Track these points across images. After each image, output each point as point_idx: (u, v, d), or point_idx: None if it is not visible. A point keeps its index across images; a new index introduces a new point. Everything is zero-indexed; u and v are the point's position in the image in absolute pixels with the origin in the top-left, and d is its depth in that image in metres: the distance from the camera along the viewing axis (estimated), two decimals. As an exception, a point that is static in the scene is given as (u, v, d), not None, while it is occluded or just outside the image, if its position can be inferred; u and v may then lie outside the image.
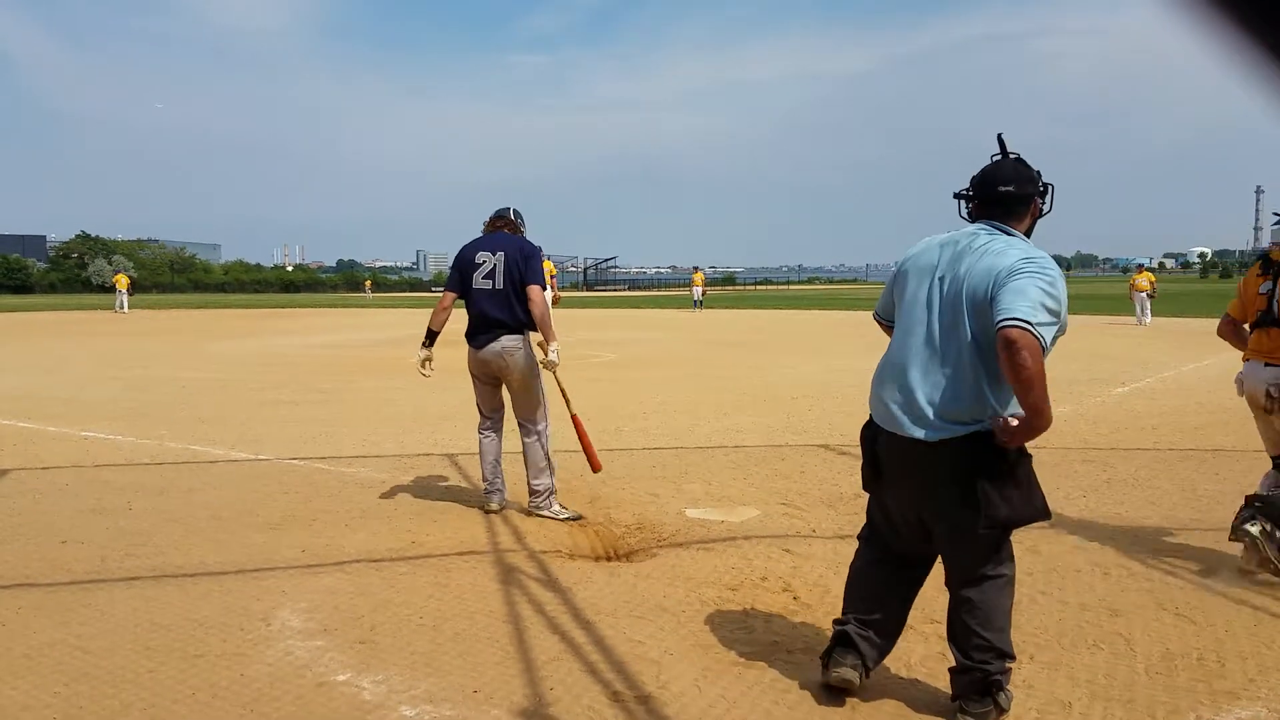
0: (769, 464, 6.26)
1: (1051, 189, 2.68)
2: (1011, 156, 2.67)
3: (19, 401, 9.50)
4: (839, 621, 2.82)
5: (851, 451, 5.79)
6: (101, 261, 73.35)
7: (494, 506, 4.89)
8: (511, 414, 4.96)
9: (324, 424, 8.03)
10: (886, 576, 2.81)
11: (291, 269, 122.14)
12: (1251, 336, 4.04)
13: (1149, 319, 22.42)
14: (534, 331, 4.82)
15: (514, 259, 4.76)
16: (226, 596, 3.63)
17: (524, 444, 4.87)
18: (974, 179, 2.68)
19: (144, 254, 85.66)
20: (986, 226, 2.60)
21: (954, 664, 2.63)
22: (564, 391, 5.02)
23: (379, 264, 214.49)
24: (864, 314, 27.97)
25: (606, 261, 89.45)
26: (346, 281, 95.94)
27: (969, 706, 2.56)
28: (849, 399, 9.06)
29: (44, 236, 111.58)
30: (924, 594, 3.36)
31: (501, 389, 4.94)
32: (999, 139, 2.69)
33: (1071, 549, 4.26)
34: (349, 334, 21.81)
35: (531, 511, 4.85)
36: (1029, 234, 2.65)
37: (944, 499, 2.54)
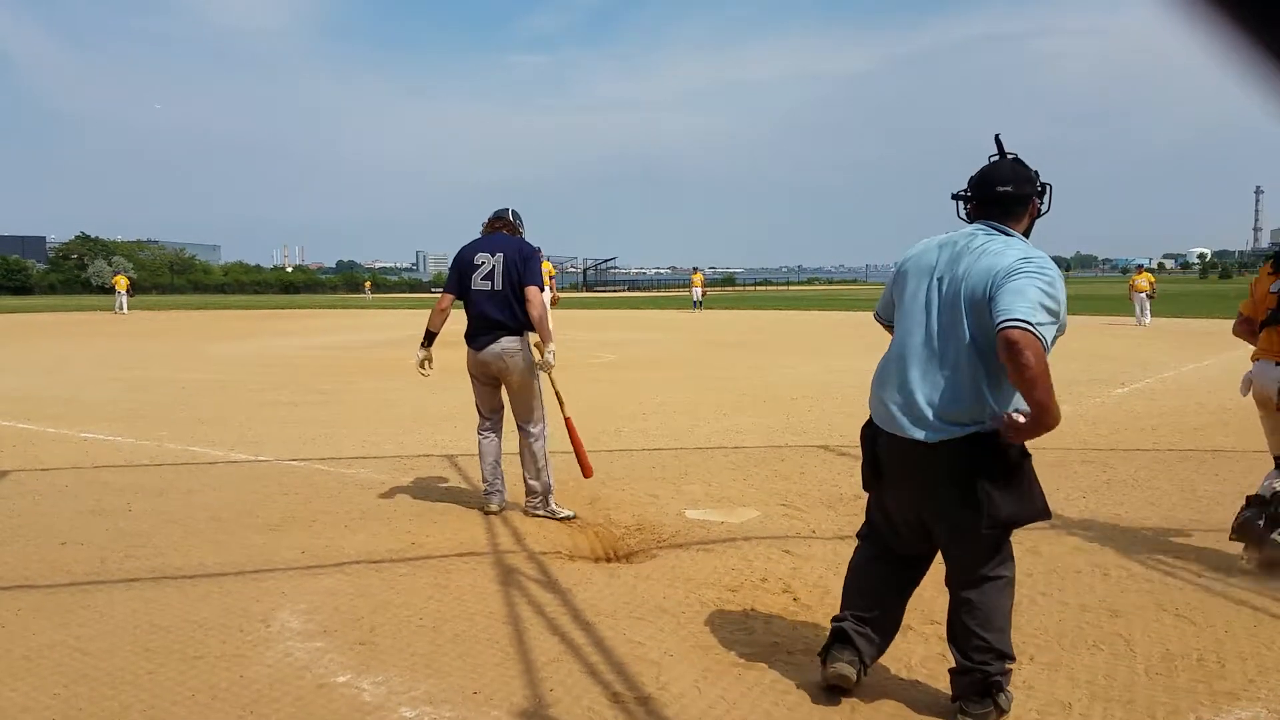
0: (769, 465, 6.26)
1: (1049, 189, 2.68)
2: (1009, 157, 2.67)
3: (18, 403, 9.50)
4: (837, 618, 2.83)
5: (851, 452, 5.79)
6: (101, 263, 73.35)
7: (494, 507, 4.89)
8: (510, 415, 4.98)
9: (324, 425, 8.03)
10: (885, 574, 2.82)
11: (291, 270, 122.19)
12: (1261, 335, 4.04)
13: (1148, 319, 22.43)
14: (532, 332, 4.83)
15: (513, 260, 4.77)
16: (226, 598, 3.63)
17: (521, 445, 4.89)
18: (972, 180, 2.69)
19: (143, 255, 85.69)
20: (984, 227, 2.60)
21: (954, 665, 2.64)
22: (558, 394, 5.04)
23: (378, 265, 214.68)
24: (863, 314, 27.97)
25: (606, 262, 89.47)
26: (346, 282, 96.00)
27: (969, 707, 2.56)
28: (849, 399, 9.06)
29: (43, 237, 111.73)
30: (924, 595, 3.37)
31: (500, 390, 4.95)
32: (996, 139, 2.69)
33: (1071, 550, 4.26)
34: (348, 335, 21.81)
35: (528, 511, 4.86)
36: (1027, 234, 2.65)
37: (944, 499, 2.54)
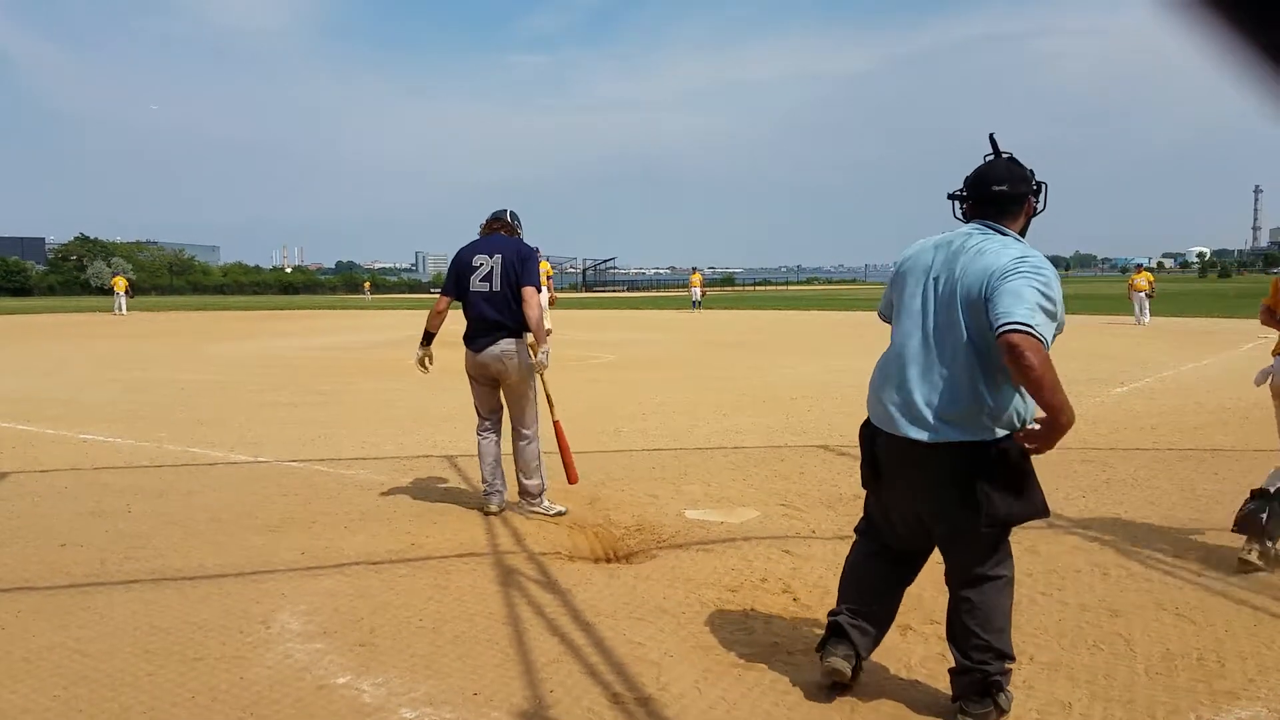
0: (768, 465, 6.26)
1: (1045, 187, 2.68)
2: (1004, 156, 2.67)
3: (18, 404, 9.49)
4: (833, 613, 2.85)
5: (851, 452, 5.79)
6: (100, 264, 73.32)
7: (493, 508, 4.90)
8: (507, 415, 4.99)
9: (323, 426, 8.02)
10: (883, 571, 2.83)
11: (290, 271, 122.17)
12: None
13: (1148, 319, 22.44)
14: (528, 333, 4.84)
15: (511, 261, 4.80)
16: (226, 599, 3.62)
17: (516, 446, 4.93)
18: (967, 179, 2.69)
19: (143, 256, 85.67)
20: (980, 226, 2.60)
21: (954, 665, 2.64)
22: (549, 396, 5.06)
23: (378, 265, 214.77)
24: (863, 314, 28.00)
25: (605, 262, 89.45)
26: (345, 283, 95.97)
27: (969, 707, 2.56)
28: (848, 399, 9.06)
29: (43, 239, 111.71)
30: (924, 595, 3.37)
31: (499, 390, 4.96)
32: (991, 139, 2.70)
33: (1071, 549, 4.26)
34: (348, 336, 21.80)
35: (523, 509, 4.90)
36: (1023, 233, 2.65)
37: (943, 499, 2.55)
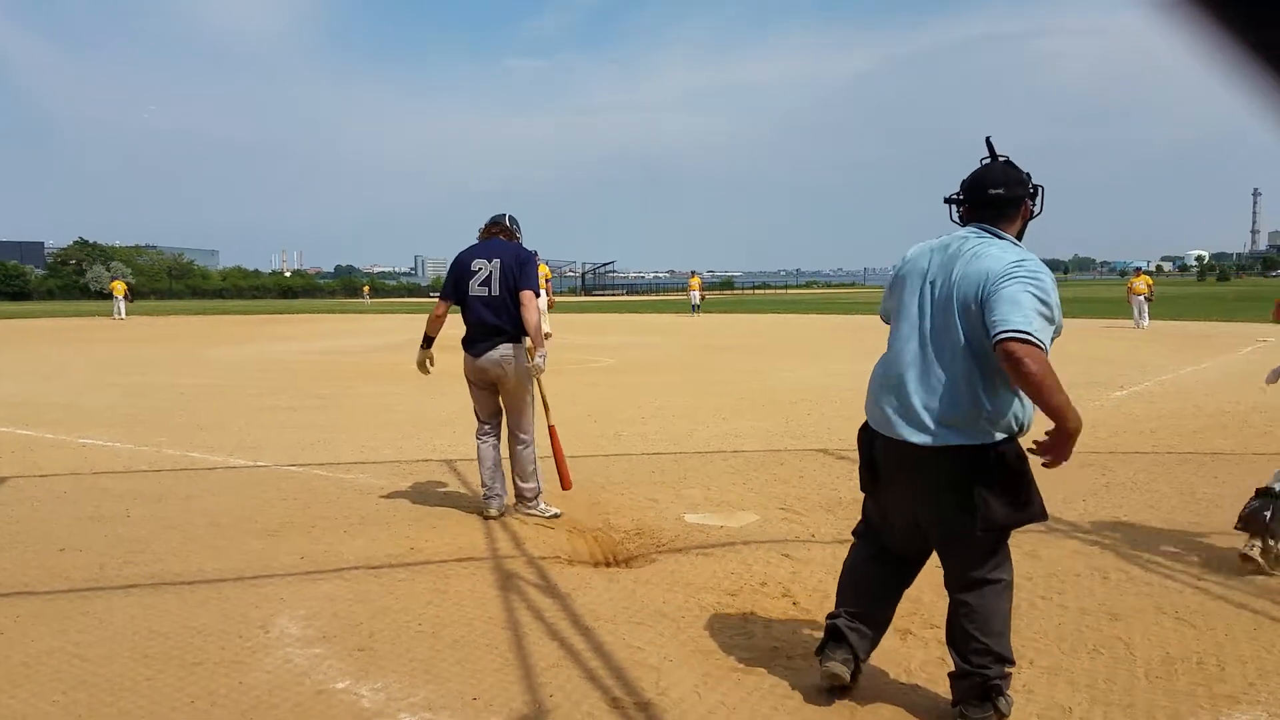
0: (768, 469, 6.26)
1: (1041, 190, 2.69)
2: (1000, 159, 2.68)
3: (17, 408, 9.48)
4: (831, 615, 2.85)
5: (850, 456, 5.79)
6: (99, 268, 73.32)
7: (493, 512, 4.90)
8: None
9: (322, 430, 8.02)
10: (882, 574, 2.83)
11: (289, 275, 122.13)
12: None
13: (1147, 322, 22.44)
14: (528, 337, 4.85)
15: (509, 265, 4.82)
16: (225, 604, 3.62)
17: (513, 450, 4.96)
18: (964, 183, 2.70)
19: (142, 260, 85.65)
20: (977, 230, 2.61)
21: (953, 669, 2.64)
22: (544, 400, 5.07)
23: (377, 269, 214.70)
24: (862, 318, 27.99)
25: (604, 266, 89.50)
26: (344, 287, 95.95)
27: (969, 711, 2.56)
28: (847, 403, 9.05)
29: (42, 243, 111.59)
30: (924, 599, 3.37)
31: (498, 395, 4.96)
32: (987, 142, 2.70)
33: (1070, 553, 4.26)
34: (347, 340, 21.80)
35: (519, 512, 4.95)
36: (1020, 236, 2.66)
37: (941, 503, 2.55)
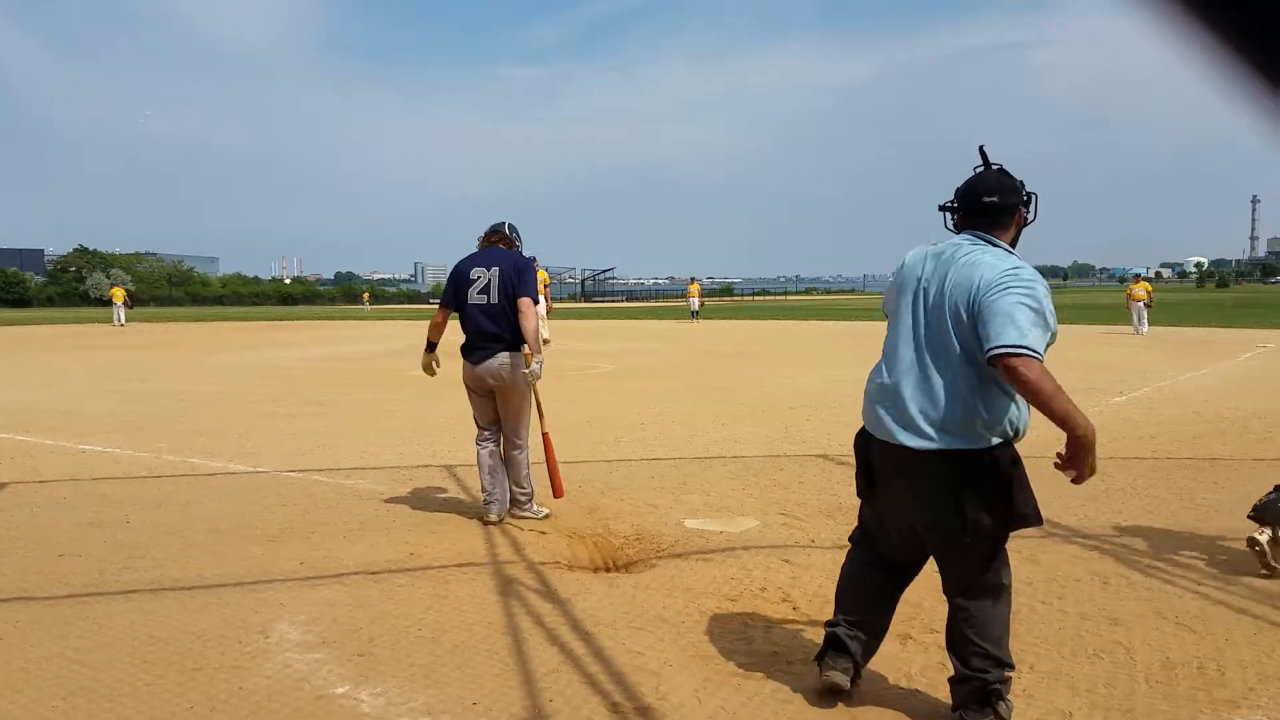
0: (767, 474, 6.26)
1: (1035, 198, 2.70)
2: (994, 167, 2.69)
3: (16, 415, 9.48)
4: (830, 623, 2.86)
5: (850, 461, 5.79)
6: (99, 275, 73.33)
7: (493, 517, 4.90)
8: None
9: (322, 436, 8.02)
10: (879, 580, 2.83)
11: (289, 281, 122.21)
12: None
13: (1146, 328, 22.46)
14: (525, 344, 4.88)
15: (508, 274, 4.85)
16: (224, 609, 3.62)
17: (508, 455, 4.99)
18: (958, 190, 2.71)
19: (142, 267, 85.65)
20: (971, 237, 2.62)
21: (953, 674, 2.64)
22: (539, 406, 5.08)
23: (377, 276, 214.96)
24: (861, 324, 28.01)
25: (604, 273, 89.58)
26: (344, 294, 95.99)
27: (969, 716, 2.56)
28: (847, 409, 9.06)
29: (42, 250, 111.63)
30: (924, 604, 3.38)
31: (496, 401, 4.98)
32: (981, 150, 2.72)
33: (1070, 558, 4.26)
34: (347, 346, 21.81)
35: (512, 515, 4.99)
36: (1014, 243, 2.67)
37: (937, 508, 2.55)
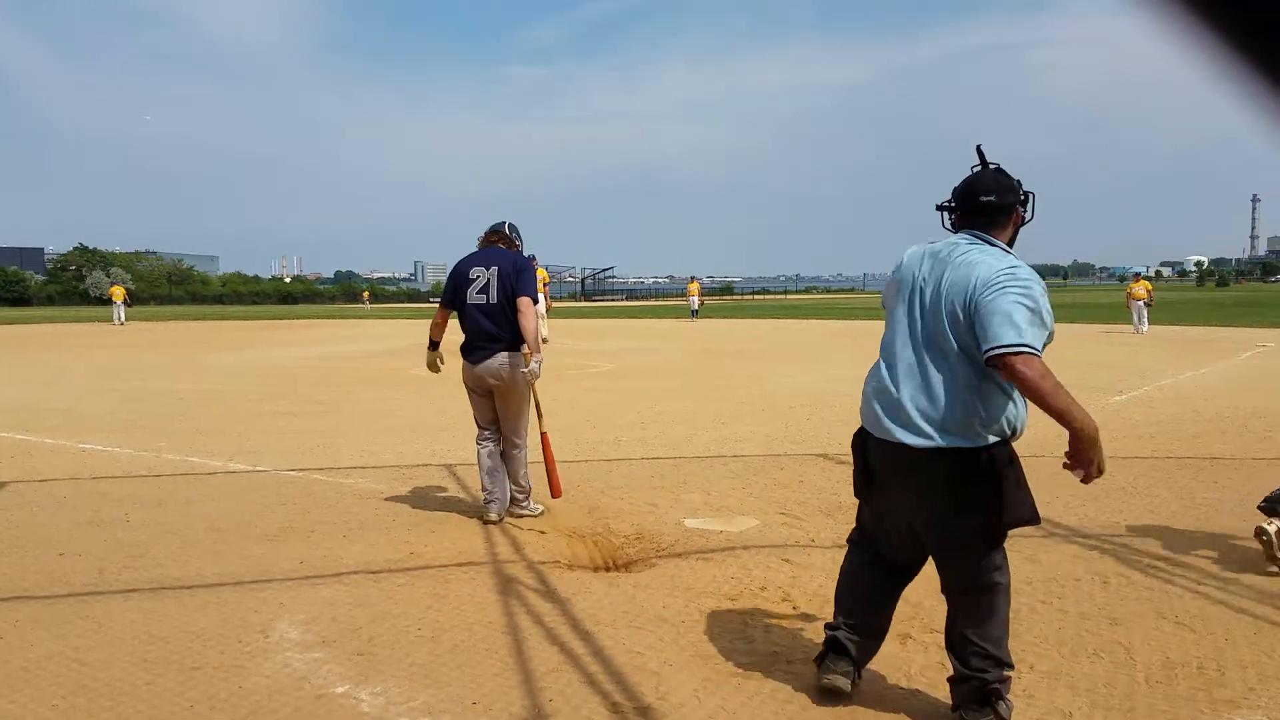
0: (767, 473, 6.26)
1: (1032, 197, 2.70)
2: (991, 167, 2.69)
3: (16, 414, 9.48)
4: (830, 626, 2.86)
5: (850, 460, 5.80)
6: (99, 274, 73.29)
7: (493, 517, 4.90)
8: None
9: (322, 435, 8.02)
10: (878, 581, 2.84)
11: (289, 280, 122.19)
12: None
13: (1146, 327, 22.45)
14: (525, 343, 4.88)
15: (507, 274, 4.87)
16: (224, 608, 3.62)
17: (507, 454, 5.00)
18: (955, 190, 2.71)
19: (142, 266, 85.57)
20: (968, 236, 2.62)
21: (953, 673, 2.64)
22: (538, 406, 5.09)
23: (377, 275, 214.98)
24: (861, 323, 28.00)
25: (604, 272, 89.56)
26: (344, 292, 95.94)
27: (969, 716, 2.57)
28: (847, 408, 9.06)
29: (41, 249, 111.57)
30: (924, 604, 3.37)
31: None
32: (978, 150, 2.72)
33: (1070, 558, 4.26)
34: (347, 345, 21.80)
35: (510, 511, 5.00)
36: (1011, 242, 2.67)
37: (934, 506, 2.55)
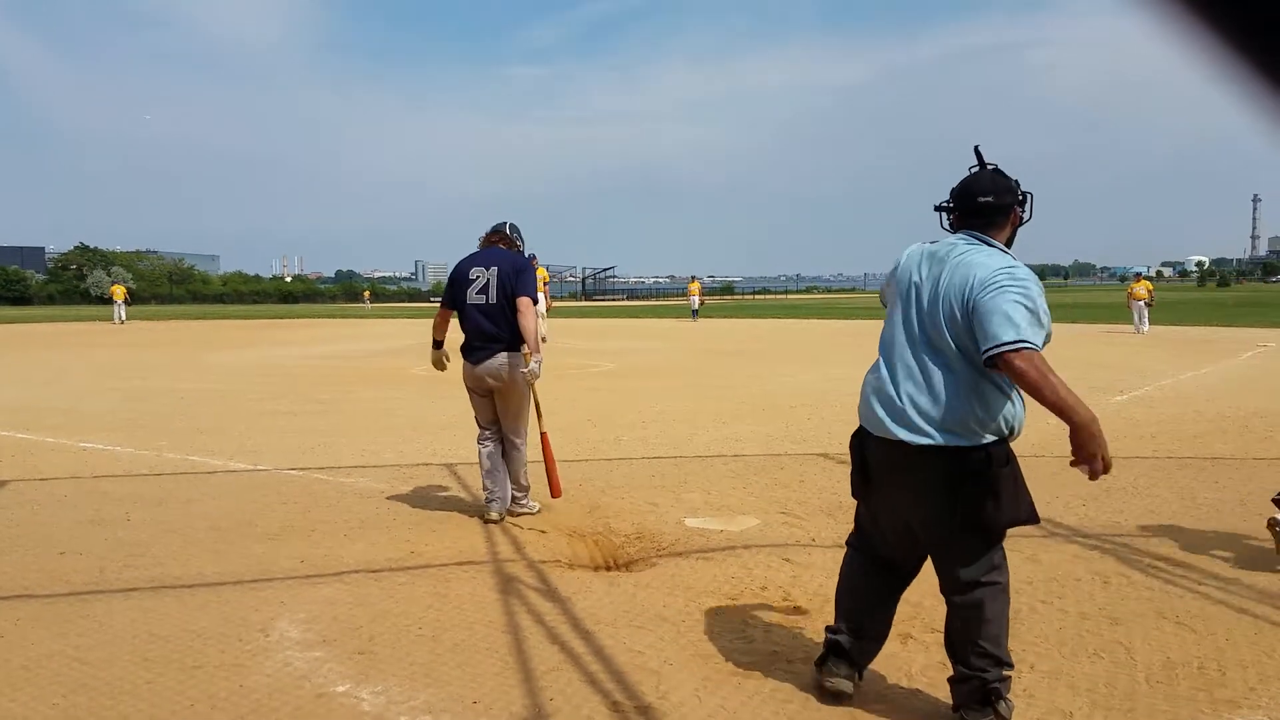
0: (768, 473, 6.26)
1: (1030, 197, 2.70)
2: (989, 167, 2.69)
3: (17, 413, 9.49)
4: (831, 629, 2.85)
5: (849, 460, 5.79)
6: (100, 273, 73.30)
7: (493, 516, 4.90)
8: None
9: (322, 434, 8.02)
10: (877, 583, 2.83)
11: (290, 280, 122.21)
12: None
13: (1147, 327, 22.45)
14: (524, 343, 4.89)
15: (506, 274, 4.87)
16: (225, 607, 3.62)
17: (507, 454, 5.02)
18: (953, 191, 2.71)
19: (142, 265, 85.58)
20: (966, 237, 2.63)
21: (953, 673, 2.64)
22: (538, 405, 5.09)
23: (377, 274, 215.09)
24: (862, 323, 27.99)
25: (604, 271, 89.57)
26: (345, 292, 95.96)
27: (969, 716, 2.56)
28: (847, 407, 9.03)
29: (42, 248, 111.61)
30: (925, 603, 3.37)
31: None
32: (976, 150, 2.72)
33: (1071, 558, 4.26)
34: (347, 344, 21.81)
35: (510, 510, 5.01)
36: (1010, 242, 2.67)
37: (932, 505, 2.55)
